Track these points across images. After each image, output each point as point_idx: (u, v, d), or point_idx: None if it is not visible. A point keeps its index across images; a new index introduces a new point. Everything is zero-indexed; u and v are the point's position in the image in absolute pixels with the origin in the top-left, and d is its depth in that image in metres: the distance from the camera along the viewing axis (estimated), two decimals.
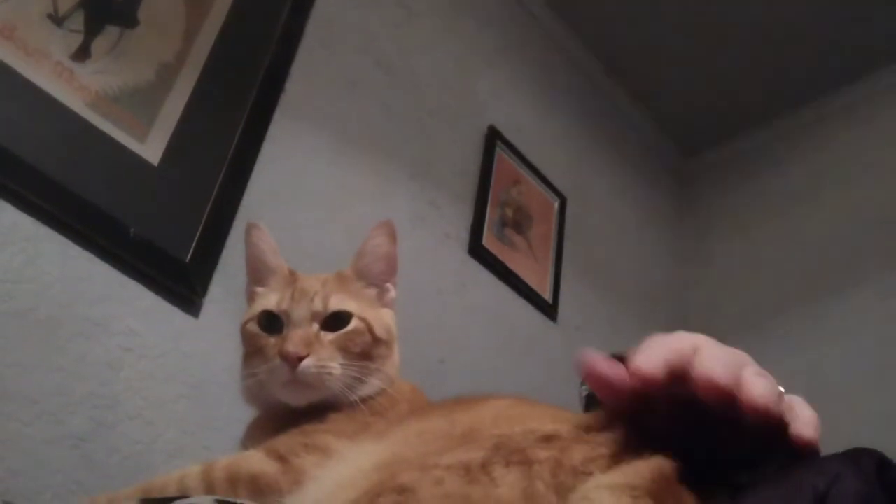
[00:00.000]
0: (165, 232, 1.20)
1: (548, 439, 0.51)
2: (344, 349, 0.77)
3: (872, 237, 2.04)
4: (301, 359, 0.74)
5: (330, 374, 0.75)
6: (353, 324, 0.79)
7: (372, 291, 0.85)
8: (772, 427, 0.51)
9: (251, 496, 0.66)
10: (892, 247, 1.98)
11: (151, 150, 1.24)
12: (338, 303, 0.79)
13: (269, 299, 0.80)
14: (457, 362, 1.60)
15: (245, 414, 0.85)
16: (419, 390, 0.85)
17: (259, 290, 0.85)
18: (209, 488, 0.67)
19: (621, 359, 0.67)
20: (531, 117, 2.14)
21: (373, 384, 0.78)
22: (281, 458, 0.69)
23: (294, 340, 0.75)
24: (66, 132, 1.15)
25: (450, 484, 0.48)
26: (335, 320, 0.78)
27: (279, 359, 0.75)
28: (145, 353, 1.15)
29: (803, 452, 0.48)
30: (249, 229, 0.87)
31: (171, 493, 0.66)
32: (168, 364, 1.17)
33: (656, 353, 0.50)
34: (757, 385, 0.47)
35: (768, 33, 2.21)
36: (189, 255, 1.21)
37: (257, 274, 0.86)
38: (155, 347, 1.16)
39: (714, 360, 0.48)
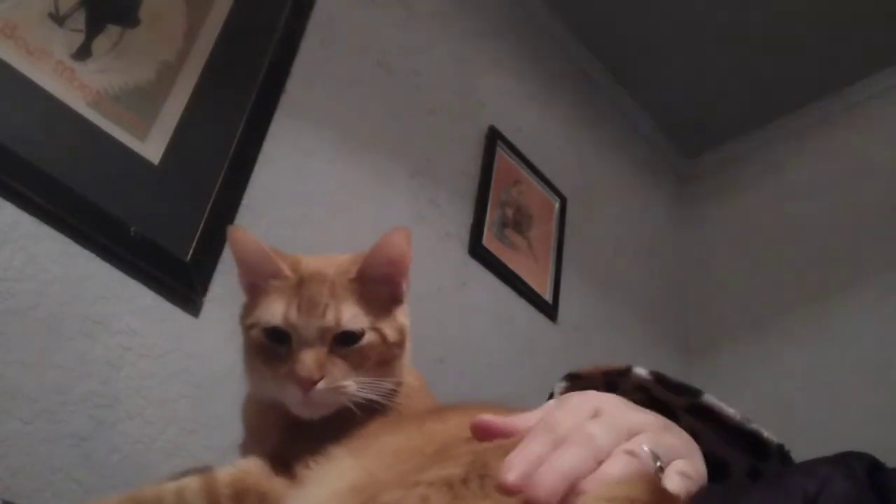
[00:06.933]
0: (166, 231, 1.20)
1: None
2: (358, 366, 0.74)
3: (872, 237, 2.04)
4: (315, 382, 0.71)
5: (345, 392, 0.72)
6: (367, 338, 0.75)
7: (384, 289, 0.81)
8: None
9: None
10: (892, 247, 1.98)
11: (152, 149, 1.24)
12: (350, 319, 0.74)
13: (275, 310, 0.75)
14: (456, 362, 1.60)
15: None
16: (425, 386, 0.84)
17: (263, 283, 0.79)
18: None
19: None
20: (532, 117, 2.14)
21: (385, 387, 0.76)
22: (288, 470, 0.67)
23: (306, 364, 0.71)
24: (66, 131, 1.15)
25: (435, 500, 0.48)
26: (348, 335, 0.75)
27: (289, 381, 0.72)
28: (146, 352, 1.15)
29: None
30: (234, 233, 0.81)
31: None
32: (168, 363, 1.17)
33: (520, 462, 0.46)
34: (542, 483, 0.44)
35: (769, 34, 2.21)
36: (189, 254, 1.21)
37: (254, 274, 0.81)
38: (155, 346, 1.16)
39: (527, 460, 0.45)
